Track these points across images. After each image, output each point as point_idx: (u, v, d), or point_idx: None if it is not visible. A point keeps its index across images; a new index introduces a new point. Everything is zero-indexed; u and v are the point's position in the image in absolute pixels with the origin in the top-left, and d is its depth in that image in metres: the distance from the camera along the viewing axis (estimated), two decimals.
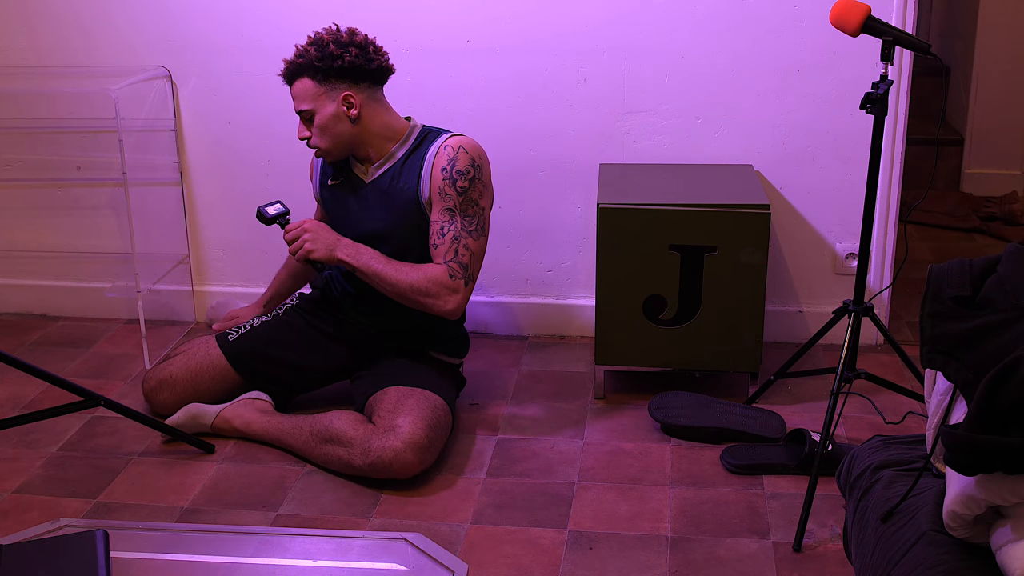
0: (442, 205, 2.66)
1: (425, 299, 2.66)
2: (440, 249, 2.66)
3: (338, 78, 2.65)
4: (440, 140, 2.71)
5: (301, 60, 2.65)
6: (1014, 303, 1.64)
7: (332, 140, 2.69)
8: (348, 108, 2.67)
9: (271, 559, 1.79)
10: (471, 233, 2.68)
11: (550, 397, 3.04)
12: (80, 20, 3.33)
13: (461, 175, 2.66)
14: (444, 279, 2.65)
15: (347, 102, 2.66)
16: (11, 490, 2.61)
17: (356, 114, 2.67)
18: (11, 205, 3.57)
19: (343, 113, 2.67)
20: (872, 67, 3.03)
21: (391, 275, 2.66)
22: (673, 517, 2.47)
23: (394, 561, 1.76)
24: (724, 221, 2.80)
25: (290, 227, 2.73)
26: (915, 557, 1.64)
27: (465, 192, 2.66)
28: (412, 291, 2.65)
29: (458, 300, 2.67)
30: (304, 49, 2.66)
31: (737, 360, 2.93)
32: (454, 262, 2.65)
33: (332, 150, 2.72)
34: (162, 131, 3.40)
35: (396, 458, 2.53)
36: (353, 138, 2.71)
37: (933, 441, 1.75)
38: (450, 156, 2.67)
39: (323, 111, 2.66)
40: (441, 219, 2.67)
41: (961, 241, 4.25)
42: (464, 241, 2.66)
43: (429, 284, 2.65)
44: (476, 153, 2.69)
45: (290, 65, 2.67)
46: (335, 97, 2.66)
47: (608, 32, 3.14)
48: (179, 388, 2.86)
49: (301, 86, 2.67)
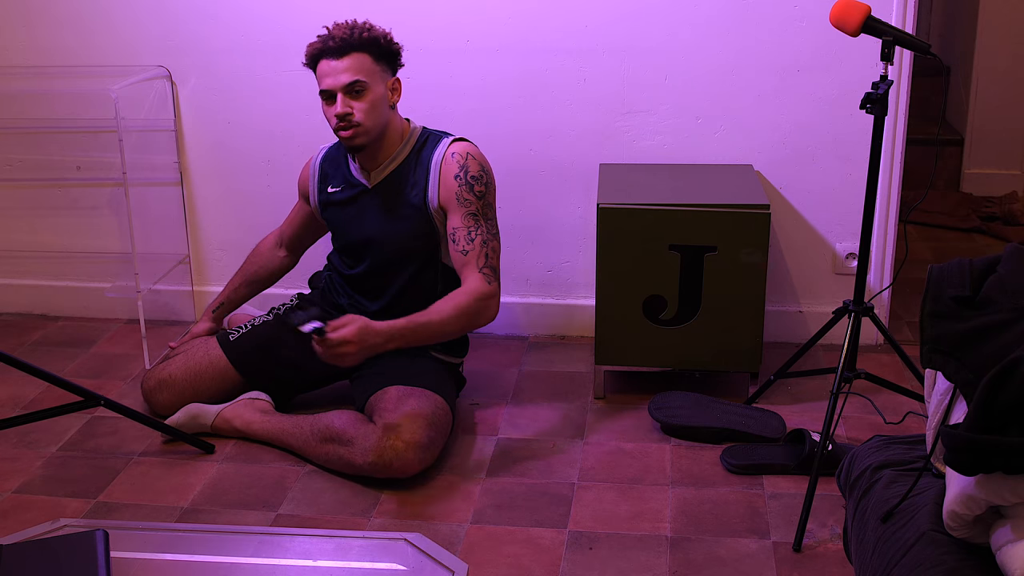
0: (464, 211, 2.67)
1: (477, 317, 2.64)
2: (471, 255, 2.65)
3: (388, 63, 2.69)
4: (443, 146, 2.72)
5: (366, 34, 2.63)
6: (1014, 303, 1.64)
7: (375, 121, 2.65)
8: (392, 94, 2.70)
9: (271, 559, 1.79)
10: (495, 236, 2.70)
11: (550, 397, 3.04)
12: (80, 20, 3.33)
13: (477, 180, 2.68)
14: (485, 288, 2.64)
15: (393, 87, 2.70)
16: (11, 490, 2.61)
17: (395, 102, 2.71)
18: (11, 205, 3.57)
19: (388, 98, 2.68)
20: (872, 67, 3.03)
21: (438, 318, 2.61)
22: (673, 517, 2.47)
23: (394, 561, 1.76)
24: (724, 221, 2.81)
25: (330, 341, 2.49)
26: (915, 557, 1.64)
27: (483, 196, 2.68)
28: (464, 317, 2.62)
29: (498, 302, 2.68)
30: (363, 26, 2.64)
31: (737, 360, 2.93)
32: (487, 267, 2.66)
33: (372, 130, 2.66)
34: (162, 131, 3.40)
35: (397, 457, 2.53)
36: (384, 127, 2.70)
37: (933, 441, 1.75)
38: (460, 163, 2.68)
39: (376, 89, 2.64)
40: (467, 224, 2.66)
41: (961, 241, 4.25)
42: (491, 244, 2.68)
43: (475, 301, 2.63)
44: (482, 159, 2.73)
45: (349, 36, 2.62)
46: (385, 79, 2.68)
47: (608, 32, 3.14)
48: (178, 388, 2.86)
49: (358, 59, 2.62)
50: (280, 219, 3.38)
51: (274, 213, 3.40)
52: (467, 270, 2.66)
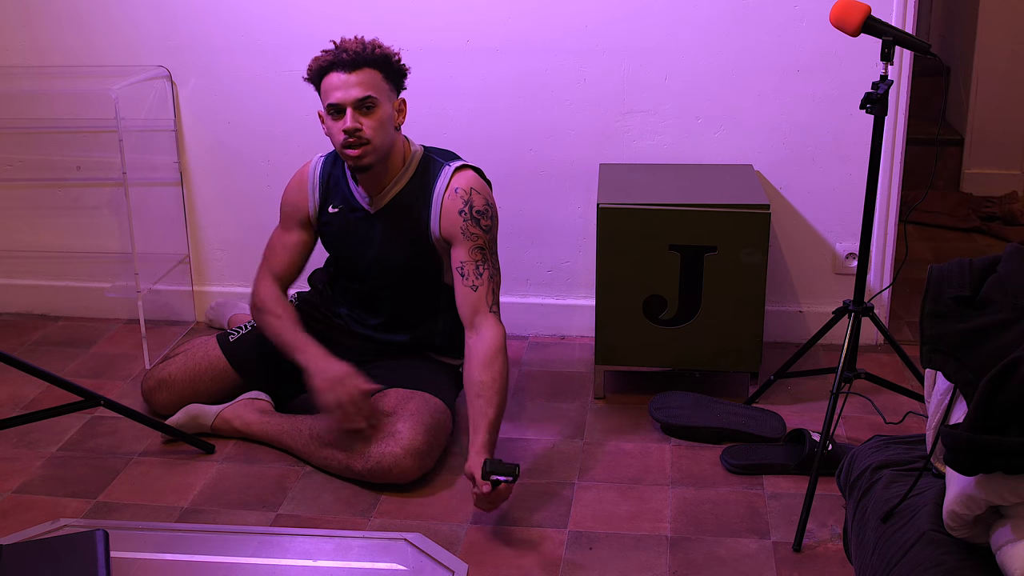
0: (471, 244, 2.61)
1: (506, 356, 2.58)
2: (481, 292, 2.59)
3: (396, 83, 2.63)
4: (444, 176, 2.66)
5: (378, 51, 2.57)
6: (1014, 303, 1.64)
7: (383, 140, 2.59)
8: (397, 115, 2.64)
9: (271, 559, 1.79)
10: (498, 269, 2.67)
11: (550, 397, 3.04)
12: (80, 20, 3.33)
13: (482, 215, 2.63)
14: (501, 332, 2.58)
15: (399, 107, 2.64)
16: (11, 490, 2.61)
17: (400, 124, 2.65)
18: (11, 205, 3.57)
19: (394, 117, 2.63)
20: (872, 67, 3.03)
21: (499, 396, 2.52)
22: (673, 517, 2.47)
23: (394, 561, 1.76)
24: (724, 221, 2.81)
25: (503, 495, 2.40)
26: (915, 557, 1.64)
27: (490, 230, 2.64)
28: (506, 372, 2.56)
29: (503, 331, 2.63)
30: (374, 43, 2.58)
31: (737, 360, 2.93)
32: (495, 306, 2.61)
33: (380, 149, 2.59)
34: (162, 131, 3.40)
35: (396, 464, 2.53)
36: (390, 148, 2.64)
37: (933, 441, 1.75)
38: (464, 198, 2.62)
39: (385, 107, 2.58)
40: (474, 258, 2.61)
41: (961, 241, 4.25)
42: (496, 279, 2.64)
43: (503, 352, 2.55)
44: (486, 191, 2.68)
45: (362, 51, 2.56)
46: (392, 99, 2.62)
47: (608, 32, 3.14)
48: (178, 388, 2.86)
49: (369, 75, 2.55)
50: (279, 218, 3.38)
51: (274, 213, 3.39)
52: (480, 315, 2.58)
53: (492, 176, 3.30)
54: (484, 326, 2.57)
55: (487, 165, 3.28)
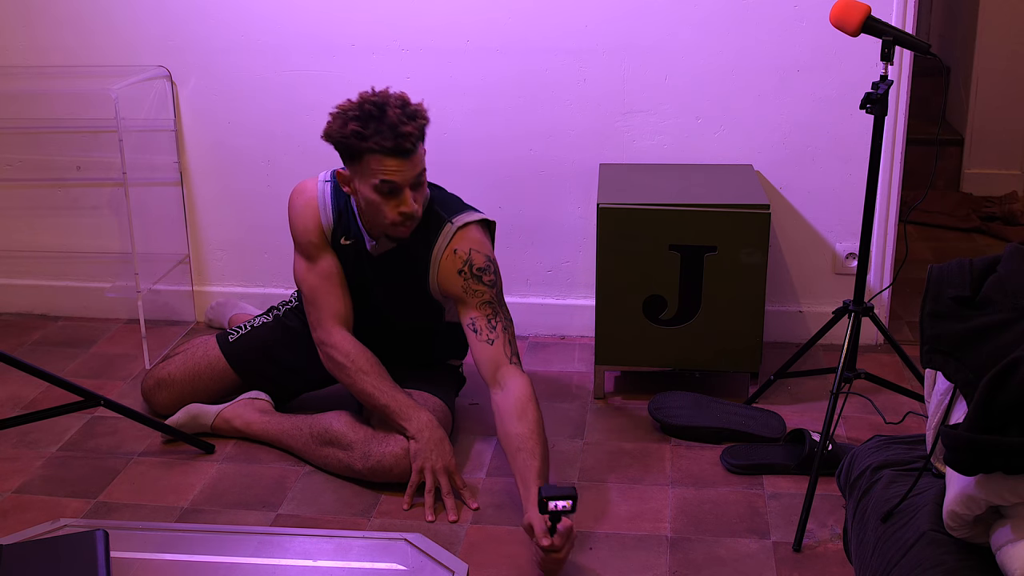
0: (477, 300, 2.55)
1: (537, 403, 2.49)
2: (498, 345, 2.52)
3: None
4: (446, 234, 2.58)
5: (424, 121, 2.45)
6: (1014, 303, 1.64)
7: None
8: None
9: (271, 559, 1.79)
10: (510, 317, 2.59)
11: (550, 397, 3.04)
12: (80, 20, 3.32)
13: (484, 271, 2.56)
14: (526, 381, 2.49)
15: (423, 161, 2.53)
16: (11, 490, 2.61)
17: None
18: (11, 205, 3.57)
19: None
20: (872, 67, 3.03)
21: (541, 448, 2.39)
22: (673, 517, 2.47)
23: (394, 561, 1.76)
24: (724, 221, 2.81)
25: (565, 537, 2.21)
26: (915, 557, 1.64)
27: (494, 284, 2.58)
28: (540, 417, 2.46)
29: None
30: (418, 112, 2.44)
31: (737, 360, 2.93)
32: (514, 355, 2.53)
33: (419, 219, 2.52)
34: (162, 131, 3.40)
35: (396, 463, 2.53)
36: None
37: (933, 441, 1.75)
38: (464, 259, 2.56)
39: (424, 162, 2.50)
40: (485, 313, 2.54)
41: (961, 241, 4.25)
42: (510, 328, 2.57)
43: (533, 401, 2.46)
44: (485, 247, 2.61)
45: (415, 131, 2.41)
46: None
47: (608, 32, 3.14)
48: (177, 388, 2.86)
49: (420, 150, 2.46)
50: (279, 218, 3.37)
51: (274, 213, 3.40)
52: (502, 369, 2.50)
53: (492, 176, 3.31)
54: (509, 379, 2.49)
55: (487, 165, 3.29)
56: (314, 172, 3.31)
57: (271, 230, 3.41)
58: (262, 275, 3.50)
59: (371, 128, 2.39)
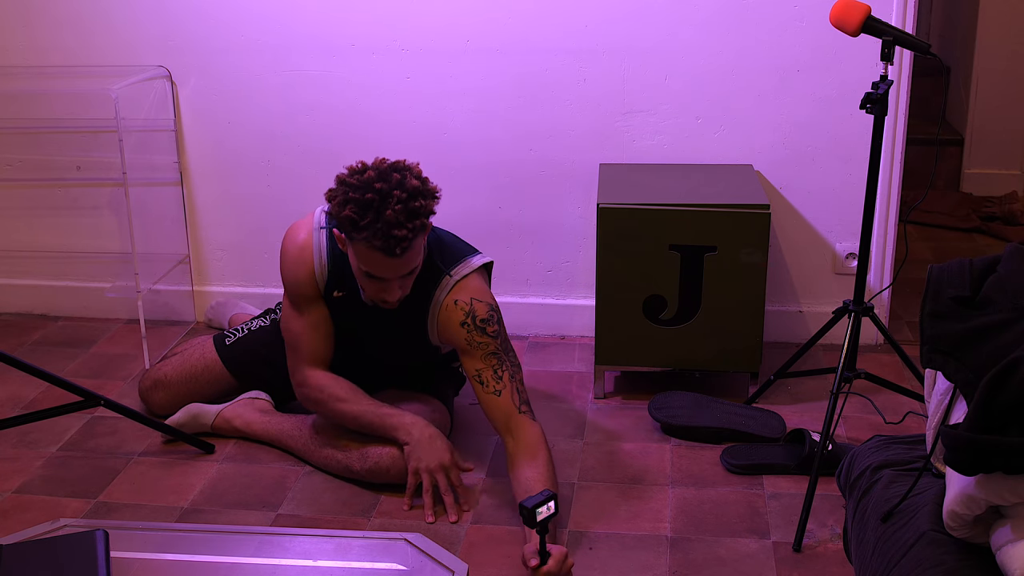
0: (482, 352, 2.48)
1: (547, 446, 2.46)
2: (506, 396, 2.46)
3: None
4: (445, 286, 2.52)
5: (420, 222, 2.32)
6: (1014, 303, 1.64)
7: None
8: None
9: (271, 559, 1.79)
10: (518, 365, 2.53)
11: (550, 397, 3.04)
12: (80, 20, 3.32)
13: (487, 322, 2.50)
14: (537, 430, 2.45)
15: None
16: (11, 490, 2.61)
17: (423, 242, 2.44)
18: (11, 205, 3.57)
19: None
20: (872, 67, 3.03)
21: (554, 483, 2.39)
22: (673, 517, 2.47)
23: (394, 561, 1.76)
24: (724, 221, 2.80)
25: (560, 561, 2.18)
26: (915, 557, 1.64)
27: (498, 334, 2.51)
28: (549, 456, 2.44)
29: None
30: (421, 209, 2.32)
31: (737, 360, 2.93)
32: (524, 405, 2.47)
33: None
34: (162, 131, 3.39)
35: (393, 464, 2.54)
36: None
37: (933, 441, 1.75)
38: (466, 310, 2.50)
39: (420, 256, 2.42)
40: (490, 364, 2.48)
41: (961, 241, 4.25)
42: (518, 376, 2.51)
43: (545, 449, 2.43)
44: (486, 295, 2.54)
45: (409, 234, 2.29)
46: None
47: (608, 32, 3.13)
48: (174, 389, 2.86)
49: (415, 247, 2.36)
50: (279, 218, 3.38)
51: (274, 213, 3.40)
52: (512, 420, 2.45)
53: (492, 177, 3.32)
54: (520, 429, 2.44)
55: (487, 165, 3.29)
56: (313, 172, 3.33)
57: (271, 230, 3.41)
58: (262, 275, 3.50)
59: (366, 220, 2.29)
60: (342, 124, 3.30)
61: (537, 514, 2.11)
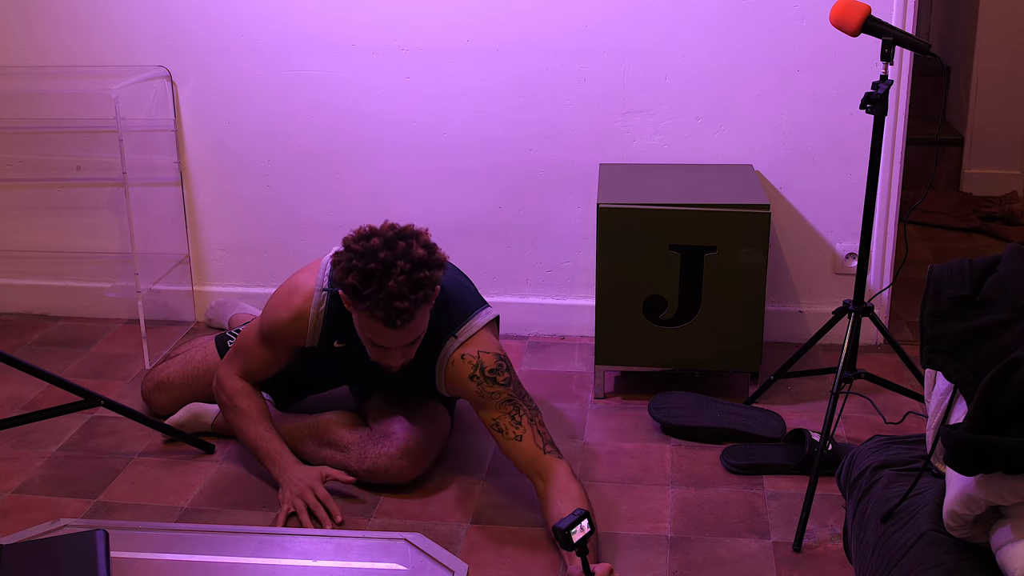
0: (496, 402, 2.42)
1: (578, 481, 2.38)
2: (527, 440, 2.40)
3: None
4: (450, 346, 2.46)
5: (423, 292, 2.26)
6: (1014, 303, 1.64)
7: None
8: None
9: (271, 559, 1.79)
10: (535, 407, 2.47)
11: (550, 397, 3.04)
12: (79, 20, 3.32)
13: (497, 372, 2.44)
14: (564, 467, 2.38)
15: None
16: (11, 490, 2.61)
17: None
18: (11, 205, 3.57)
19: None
20: (872, 67, 3.03)
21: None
22: (673, 517, 2.47)
23: (394, 561, 1.76)
24: (724, 221, 2.81)
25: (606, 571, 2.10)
26: (915, 557, 1.64)
27: (510, 382, 2.44)
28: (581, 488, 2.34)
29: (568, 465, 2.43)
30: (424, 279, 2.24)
31: (737, 360, 2.93)
32: (548, 445, 2.41)
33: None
34: (162, 131, 3.40)
35: (391, 464, 2.54)
36: None
37: (933, 441, 1.75)
38: (473, 363, 2.44)
39: (425, 324, 2.37)
40: (506, 411, 2.42)
41: (961, 241, 4.25)
42: (538, 418, 2.45)
43: (575, 484, 2.34)
44: (493, 345, 2.49)
45: (411, 306, 2.24)
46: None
47: (608, 32, 3.13)
48: (176, 390, 2.86)
49: (419, 317, 2.30)
50: (279, 218, 3.38)
51: (274, 213, 3.40)
52: (538, 461, 2.39)
53: (492, 177, 3.32)
54: (548, 470, 2.37)
55: (487, 166, 3.29)
56: (313, 172, 3.33)
57: (271, 230, 3.41)
58: (262, 275, 3.50)
59: (368, 290, 2.23)
60: (342, 124, 3.30)
61: (572, 535, 2.02)
